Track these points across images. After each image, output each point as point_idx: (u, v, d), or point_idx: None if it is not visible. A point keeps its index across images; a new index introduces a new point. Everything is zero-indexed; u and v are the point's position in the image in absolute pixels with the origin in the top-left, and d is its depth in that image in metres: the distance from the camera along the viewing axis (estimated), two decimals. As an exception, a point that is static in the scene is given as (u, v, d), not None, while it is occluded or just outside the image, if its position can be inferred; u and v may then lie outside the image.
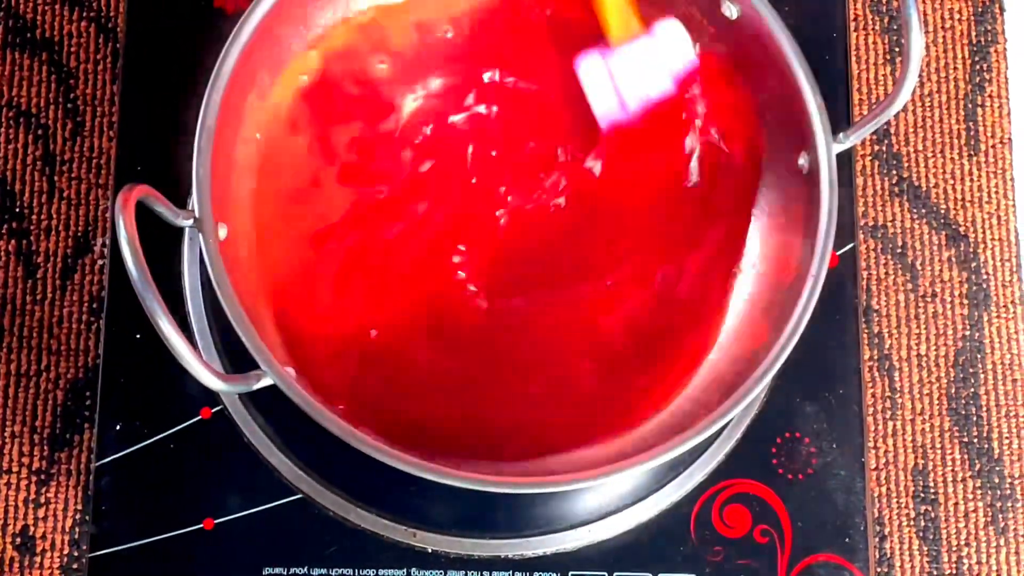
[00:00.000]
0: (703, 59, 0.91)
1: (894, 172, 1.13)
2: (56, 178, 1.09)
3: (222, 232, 0.82)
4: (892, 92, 0.83)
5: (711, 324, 0.91)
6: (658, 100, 0.91)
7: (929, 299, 1.11)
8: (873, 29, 1.16)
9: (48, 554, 1.03)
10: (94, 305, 1.07)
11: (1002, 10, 1.17)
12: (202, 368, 0.73)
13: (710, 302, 0.91)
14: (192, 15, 0.99)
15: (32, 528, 1.03)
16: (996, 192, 1.14)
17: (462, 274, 0.91)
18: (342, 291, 0.90)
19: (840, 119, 0.97)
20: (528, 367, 0.90)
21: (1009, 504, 1.08)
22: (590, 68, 0.91)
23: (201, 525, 0.91)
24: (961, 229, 1.13)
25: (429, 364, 0.89)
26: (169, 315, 0.71)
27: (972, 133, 1.15)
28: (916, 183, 1.13)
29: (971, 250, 1.12)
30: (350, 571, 0.91)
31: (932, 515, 1.07)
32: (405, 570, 0.91)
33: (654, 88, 0.91)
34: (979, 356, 1.10)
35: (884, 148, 1.13)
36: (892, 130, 1.14)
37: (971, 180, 1.14)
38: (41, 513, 1.04)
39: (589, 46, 0.91)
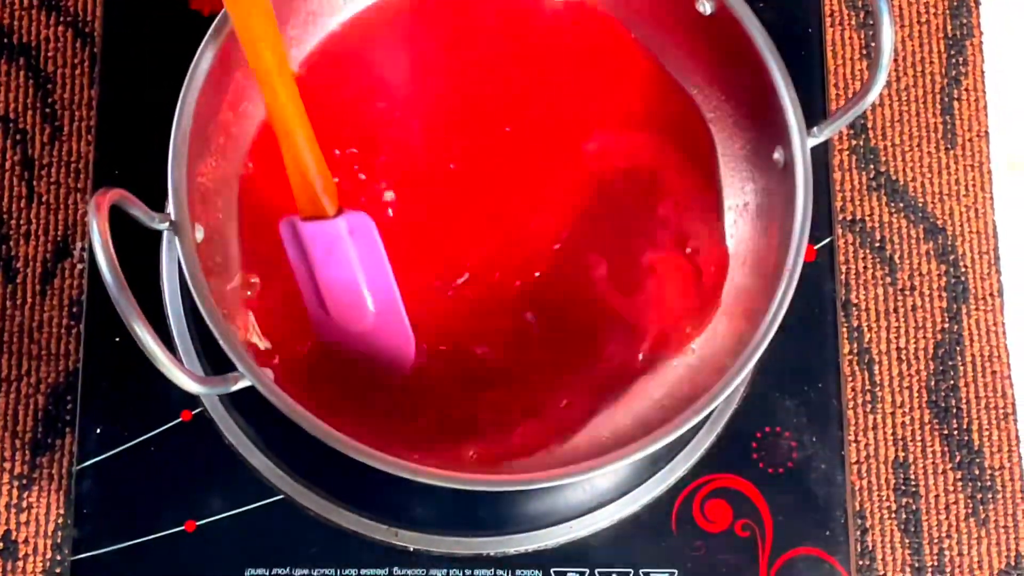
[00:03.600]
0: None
1: (871, 166, 1.13)
2: (35, 183, 1.09)
3: (199, 234, 0.82)
4: (865, 85, 0.83)
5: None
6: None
7: (908, 292, 1.11)
8: (849, 24, 1.16)
9: (30, 558, 1.03)
10: (74, 309, 1.07)
11: (977, 4, 1.17)
12: (178, 371, 0.73)
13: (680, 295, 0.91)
14: (169, 18, 0.99)
15: (14, 533, 1.03)
16: (973, 185, 1.14)
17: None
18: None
19: (817, 114, 0.97)
20: (501, 369, 0.90)
21: (990, 496, 1.08)
22: (286, 232, 0.87)
23: (183, 527, 0.91)
24: (939, 222, 1.13)
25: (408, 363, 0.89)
26: (144, 318, 0.71)
27: (949, 127, 1.15)
28: (894, 177, 1.14)
29: (949, 243, 1.12)
30: (332, 571, 0.91)
31: (913, 507, 1.07)
32: (387, 569, 0.91)
33: (342, 283, 0.87)
34: (958, 349, 1.11)
35: (861, 142, 1.14)
36: (869, 124, 1.14)
37: (948, 173, 1.14)
38: (23, 518, 1.03)
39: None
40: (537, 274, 0.91)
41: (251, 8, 0.80)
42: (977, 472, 1.08)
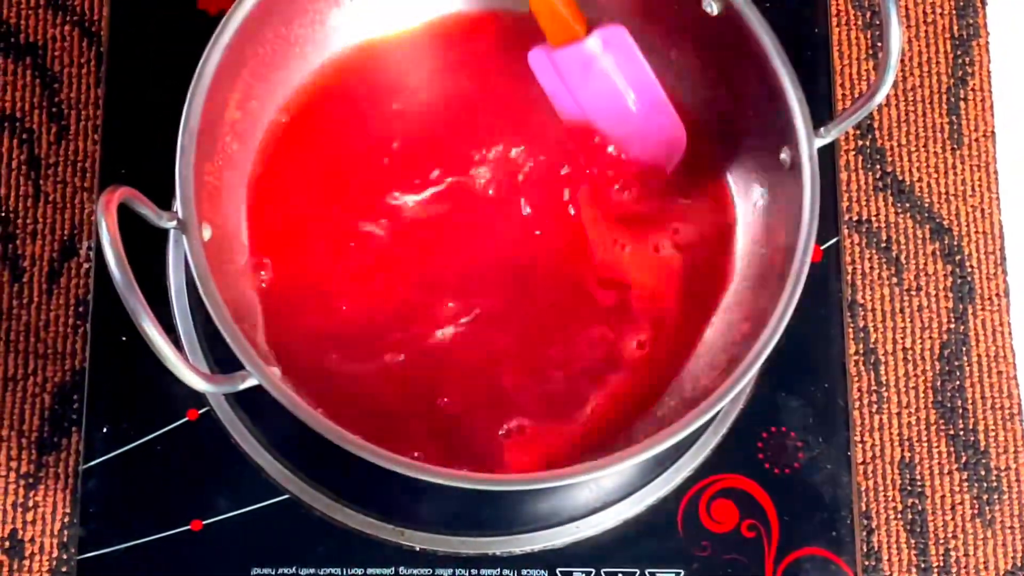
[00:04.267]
0: None
1: (878, 166, 1.13)
2: (41, 182, 1.09)
3: (206, 233, 0.82)
4: (872, 85, 0.83)
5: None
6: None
7: (914, 293, 1.11)
8: (856, 24, 1.16)
9: (37, 557, 1.03)
10: (80, 308, 1.06)
11: (984, 4, 1.17)
12: (187, 369, 0.73)
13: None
14: (175, 17, 0.99)
15: (20, 532, 1.03)
16: (980, 185, 1.14)
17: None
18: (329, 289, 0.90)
19: (823, 114, 0.98)
20: (513, 371, 0.90)
21: (996, 496, 1.08)
22: (537, 63, 0.92)
23: (189, 526, 0.91)
24: (945, 223, 1.13)
25: (413, 366, 0.89)
26: (153, 317, 0.71)
27: (955, 127, 1.15)
28: (900, 177, 1.13)
29: (955, 243, 1.12)
30: (338, 571, 0.91)
31: (919, 508, 1.07)
32: (393, 569, 0.91)
33: (604, 91, 0.91)
34: (964, 349, 1.10)
35: (868, 143, 1.14)
36: (875, 125, 1.14)
37: (955, 174, 1.14)
38: (29, 517, 1.03)
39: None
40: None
41: None
42: (983, 473, 1.08)
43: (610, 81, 0.91)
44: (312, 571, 0.91)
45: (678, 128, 0.93)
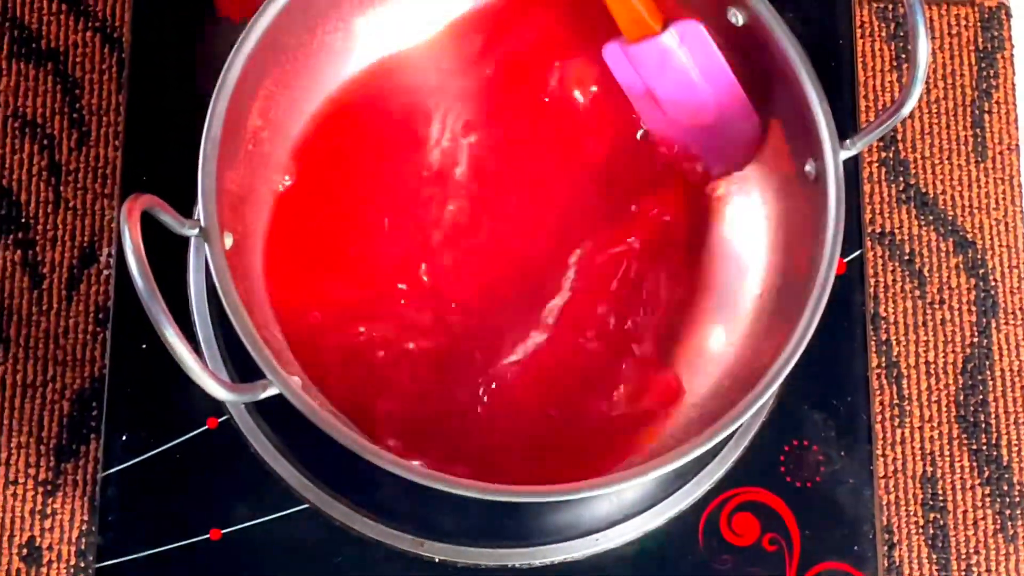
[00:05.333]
0: None
1: (901, 179, 1.13)
2: (62, 188, 1.09)
3: (228, 241, 0.81)
4: (899, 98, 0.83)
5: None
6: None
7: (937, 306, 1.11)
8: (879, 36, 1.16)
9: (54, 565, 1.03)
10: (100, 315, 1.07)
11: (1009, 16, 1.17)
12: (208, 378, 0.72)
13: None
14: (197, 24, 0.99)
15: (38, 539, 1.03)
16: (1004, 198, 1.14)
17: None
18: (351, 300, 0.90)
19: (847, 126, 0.97)
20: (528, 388, 0.90)
21: (1018, 512, 1.07)
22: (613, 58, 0.93)
23: (208, 535, 0.91)
24: (969, 236, 1.13)
25: (435, 377, 0.89)
26: (175, 325, 0.71)
27: (979, 139, 1.14)
28: (923, 190, 1.13)
29: (979, 257, 1.12)
30: (357, 581, 0.91)
31: (941, 523, 1.07)
32: (411, 580, 0.91)
33: (680, 87, 0.91)
34: (987, 363, 1.10)
35: (891, 155, 1.13)
36: (899, 137, 1.14)
37: (978, 187, 1.14)
38: (47, 524, 1.03)
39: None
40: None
41: None
42: (1006, 488, 1.08)
43: (687, 76, 0.90)
44: (331, 581, 0.91)
45: (755, 124, 0.92)
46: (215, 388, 0.73)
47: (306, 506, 0.91)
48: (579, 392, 0.89)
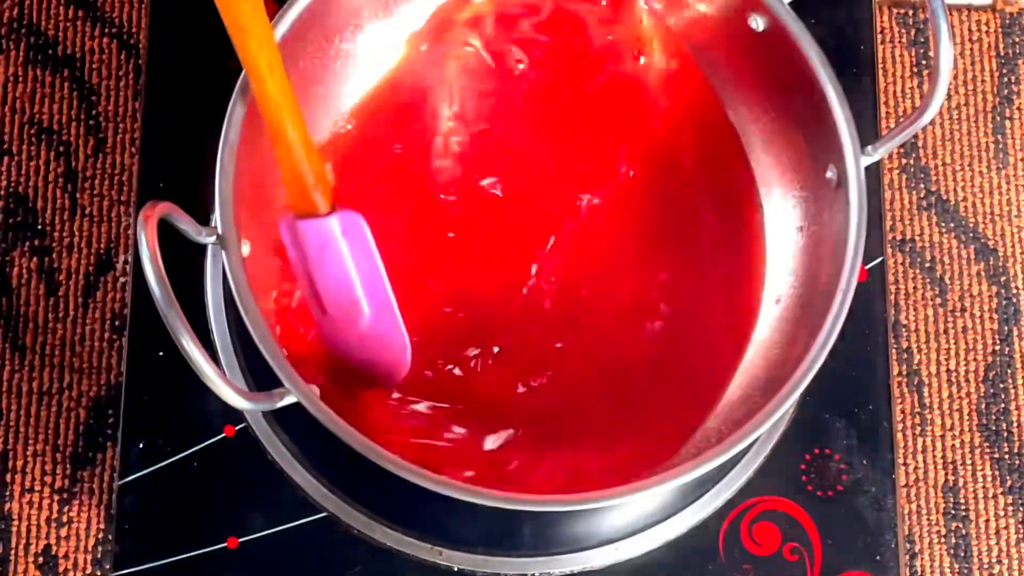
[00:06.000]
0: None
1: (922, 185, 1.13)
2: (78, 195, 1.09)
3: (245, 249, 0.81)
4: (921, 104, 0.82)
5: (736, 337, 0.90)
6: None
7: (958, 314, 1.11)
8: (900, 42, 1.15)
9: (71, 574, 1.03)
10: (116, 322, 1.06)
11: (1030, 21, 1.17)
12: (225, 386, 0.72)
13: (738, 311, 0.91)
14: (215, 29, 0.96)
15: (54, 547, 1.03)
16: (1026, 205, 1.14)
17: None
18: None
19: (868, 132, 0.96)
20: (550, 398, 0.90)
21: (1041, 521, 1.07)
22: (285, 230, 0.84)
23: (225, 544, 0.91)
24: (990, 243, 1.12)
25: (457, 387, 0.89)
26: (192, 333, 0.71)
27: (1000, 146, 1.14)
28: (944, 196, 1.13)
29: (1000, 264, 1.11)
30: (375, 590, 0.91)
31: (963, 532, 1.07)
32: (430, 588, 0.91)
33: (337, 282, 0.85)
34: (1009, 371, 1.10)
35: (912, 161, 1.13)
36: (920, 143, 1.14)
37: (1000, 193, 1.13)
38: (63, 532, 1.03)
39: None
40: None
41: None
42: (1029, 497, 1.08)
43: (345, 272, 0.85)
44: (348, 590, 0.90)
45: (403, 347, 0.87)
46: (232, 397, 0.72)
47: (324, 515, 0.91)
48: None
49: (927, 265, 1.11)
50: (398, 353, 0.87)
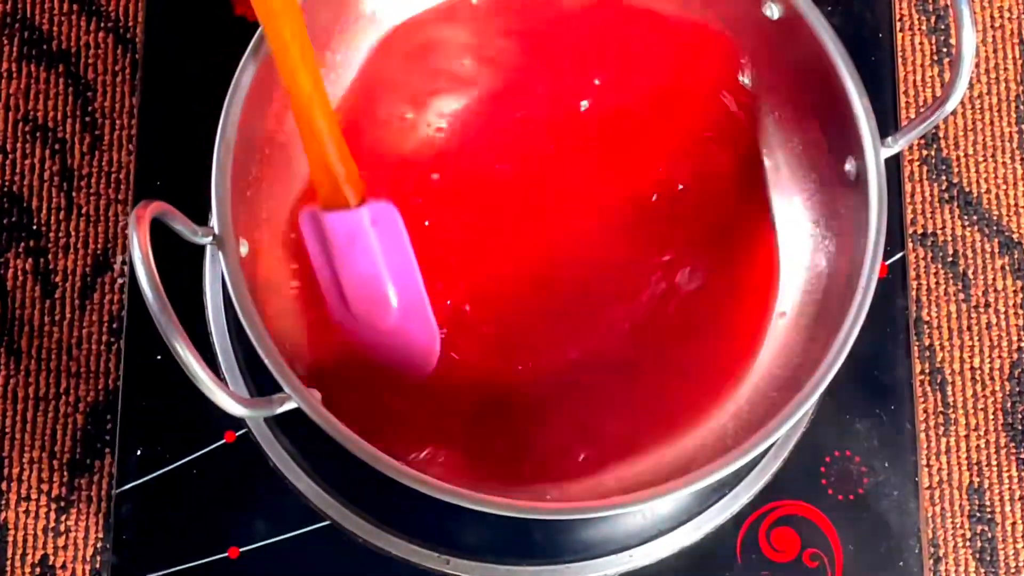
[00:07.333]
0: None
1: (943, 178, 1.12)
2: (74, 194, 1.09)
3: (243, 249, 0.80)
4: (943, 93, 0.81)
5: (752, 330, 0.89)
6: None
7: (982, 309, 1.10)
8: (920, 29, 1.15)
9: (68, 584, 1.03)
10: (114, 325, 1.06)
11: (1055, 7, 1.16)
12: (221, 393, 0.71)
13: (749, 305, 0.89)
14: (212, 24, 0.98)
15: (52, 557, 1.03)
16: (1050, 198, 1.13)
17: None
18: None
19: (887, 122, 0.96)
20: (561, 378, 0.89)
21: (1069, 524, 1.07)
22: (307, 224, 0.85)
23: (226, 554, 0.90)
24: (1015, 236, 1.12)
25: (460, 386, 0.88)
26: (186, 337, 0.70)
27: (1025, 136, 1.13)
28: (967, 189, 1.12)
29: (1025, 257, 1.11)
30: (380, 599, 0.90)
31: (989, 535, 1.06)
32: (437, 598, 0.90)
33: (363, 276, 0.85)
34: (1035, 369, 1.09)
35: (933, 153, 1.12)
36: (941, 134, 1.13)
37: (1024, 185, 1.13)
38: (61, 542, 1.03)
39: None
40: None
41: None
42: (1057, 499, 1.07)
43: (373, 264, 0.85)
44: (353, 600, 0.90)
45: (432, 337, 0.87)
46: (229, 403, 0.71)
47: (327, 523, 0.90)
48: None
49: (949, 259, 1.11)
50: (428, 346, 0.87)
